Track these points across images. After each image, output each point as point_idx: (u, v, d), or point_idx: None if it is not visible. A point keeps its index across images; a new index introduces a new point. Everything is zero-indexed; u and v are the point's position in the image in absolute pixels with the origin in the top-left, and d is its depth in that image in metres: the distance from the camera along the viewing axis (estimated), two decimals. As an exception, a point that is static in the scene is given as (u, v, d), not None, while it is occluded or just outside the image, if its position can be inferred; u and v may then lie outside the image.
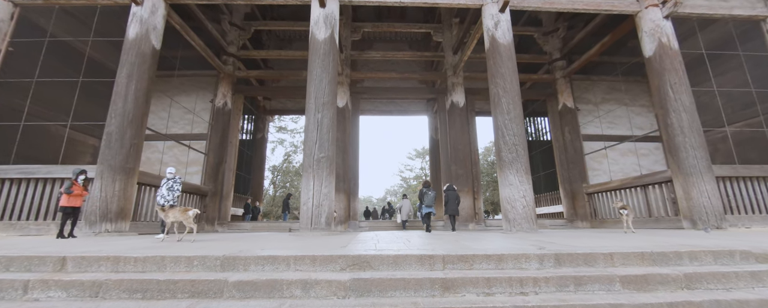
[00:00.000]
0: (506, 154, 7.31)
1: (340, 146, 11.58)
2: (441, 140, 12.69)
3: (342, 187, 11.23)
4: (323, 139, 7.14)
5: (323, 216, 6.73)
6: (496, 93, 7.77)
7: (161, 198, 6.49)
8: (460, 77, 12.51)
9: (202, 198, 10.98)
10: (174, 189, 6.63)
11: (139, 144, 7.55)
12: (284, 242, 4.70)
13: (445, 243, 4.50)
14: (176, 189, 6.66)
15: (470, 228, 11.04)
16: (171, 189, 6.60)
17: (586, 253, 3.35)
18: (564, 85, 12.78)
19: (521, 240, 4.94)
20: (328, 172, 6.99)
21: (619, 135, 12.75)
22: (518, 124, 7.50)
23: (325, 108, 7.34)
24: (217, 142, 11.70)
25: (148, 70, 7.92)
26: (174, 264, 3.18)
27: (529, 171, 7.31)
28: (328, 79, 7.54)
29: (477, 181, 11.97)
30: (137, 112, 7.56)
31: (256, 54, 13.13)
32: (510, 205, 7.05)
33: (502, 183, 7.32)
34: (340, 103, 12.00)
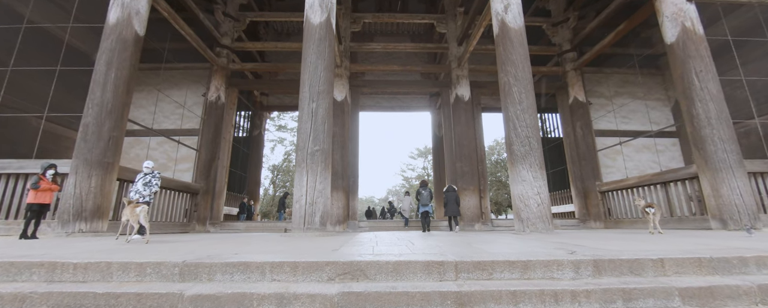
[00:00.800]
0: (518, 148, 6.67)
1: (339, 141, 10.98)
2: (445, 136, 12.07)
3: (340, 185, 10.62)
4: (318, 131, 6.53)
5: (318, 215, 6.11)
6: (506, 82, 7.13)
7: (135, 194, 5.89)
8: (464, 69, 11.88)
9: (192, 197, 10.40)
10: (151, 185, 6.02)
11: (118, 137, 6.97)
12: (269, 244, 4.09)
13: (454, 245, 3.87)
14: (154, 185, 6.05)
15: (476, 228, 10.41)
16: (148, 184, 5.99)
17: (631, 259, 2.72)
18: (575, 77, 12.12)
19: (541, 242, 4.31)
20: (323, 167, 6.38)
21: (634, 130, 12.07)
22: (531, 114, 6.86)
23: (321, 97, 6.73)
24: (210, 138, 11.12)
25: (130, 57, 7.35)
26: (122, 273, 2.57)
27: (544, 166, 6.67)
28: (323, 65, 6.94)
29: (483, 179, 11.33)
30: (117, 102, 6.98)
31: (251, 46, 12.55)
32: (523, 203, 6.41)
33: (513, 180, 6.68)
34: (339, 96, 11.40)
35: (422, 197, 8.77)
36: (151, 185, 6.02)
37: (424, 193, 8.83)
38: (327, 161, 6.49)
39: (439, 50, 12.85)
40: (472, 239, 5.09)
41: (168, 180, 9.23)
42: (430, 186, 12.01)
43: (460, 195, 10.70)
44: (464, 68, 11.88)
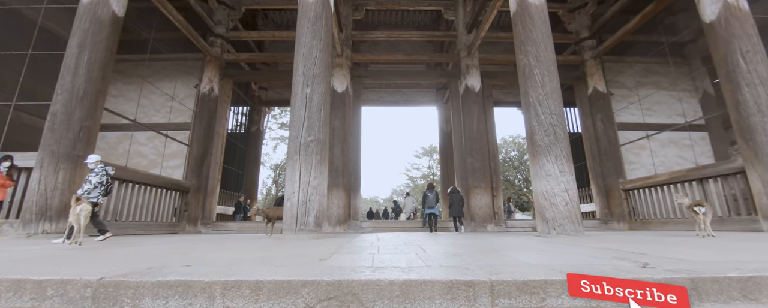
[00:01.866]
0: (541, 137, 5.83)
1: (339, 136, 10.20)
2: (454, 130, 11.23)
3: (341, 182, 9.84)
4: (313, 119, 5.75)
5: (312, 215, 5.33)
6: (526, 63, 6.29)
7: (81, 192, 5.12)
8: (474, 58, 11.03)
9: (182, 195, 9.69)
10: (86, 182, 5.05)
11: (91, 127, 6.25)
12: (244, 251, 3.31)
13: (476, 252, 3.05)
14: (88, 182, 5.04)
15: (489, 229, 9.56)
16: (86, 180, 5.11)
17: (744, 277, 1.89)
18: (594, 66, 11.22)
19: (581, 247, 3.48)
20: (318, 160, 5.59)
21: (659, 123, 11.13)
22: (555, 99, 6.01)
23: (316, 80, 5.94)
24: (202, 132, 10.40)
25: (106, 39, 6.63)
26: (12, 295, 1.80)
27: (571, 159, 5.81)
28: (319, 46, 6.15)
29: (496, 176, 10.47)
30: (90, 89, 6.26)
31: (247, 35, 11.83)
32: (547, 201, 5.56)
33: (536, 175, 5.83)
34: (340, 87, 10.62)
35: (428, 199, 8.78)
36: (86, 181, 5.11)
37: (430, 196, 8.84)
38: (323, 153, 5.71)
39: (447, 39, 12.01)
40: (493, 242, 4.27)
41: (154, 177, 8.52)
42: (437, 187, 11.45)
43: (471, 194, 9.89)
44: (474, 57, 11.03)
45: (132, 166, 10.31)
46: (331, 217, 9.55)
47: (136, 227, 7.73)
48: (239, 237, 6.51)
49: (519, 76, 6.51)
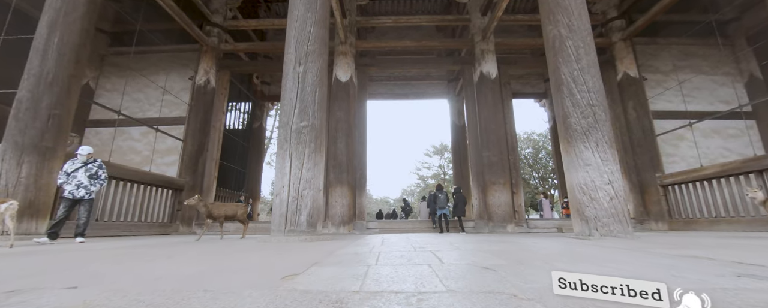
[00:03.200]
0: (577, 120, 4.87)
1: (343, 128, 9.39)
2: (469, 122, 10.29)
3: (345, 179, 9.02)
4: (306, 102, 4.94)
5: (304, 213, 4.51)
6: (556, 35, 5.34)
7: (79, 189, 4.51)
8: (490, 43, 10.07)
9: (176, 194, 9.04)
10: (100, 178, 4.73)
11: (62, 116, 5.59)
12: (192, 261, 2.50)
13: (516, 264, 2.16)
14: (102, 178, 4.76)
15: (509, 230, 8.59)
16: (95, 176, 4.65)
17: None
18: (624, 49, 10.12)
19: (658, 256, 2.55)
20: (312, 149, 4.78)
21: (699, 111, 9.93)
22: (594, 74, 5.05)
23: (310, 58, 5.14)
24: (198, 127, 9.75)
25: (81, 19, 5.98)
26: None
27: (614, 144, 4.84)
28: (314, 20, 5.35)
29: (516, 171, 9.48)
30: (60, 73, 5.61)
31: (246, 24, 11.16)
32: (587, 196, 4.60)
33: (571, 165, 4.88)
34: (344, 76, 9.81)
35: (439, 200, 8.78)
36: (99, 178, 4.67)
37: (440, 197, 8.83)
38: (318, 141, 4.89)
39: (460, 23, 11.08)
40: (527, 247, 3.36)
41: (142, 174, 7.87)
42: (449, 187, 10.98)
43: (488, 191, 8.97)
44: (490, 41, 10.07)
45: (125, 163, 9.76)
46: (335, 217, 8.75)
47: (123, 228, 7.08)
48: (226, 239, 5.74)
49: (547, 51, 5.57)
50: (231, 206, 5.87)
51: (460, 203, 8.80)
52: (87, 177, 4.77)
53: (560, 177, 13.64)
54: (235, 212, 5.81)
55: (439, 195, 8.84)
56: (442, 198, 8.77)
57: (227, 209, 5.77)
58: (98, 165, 4.85)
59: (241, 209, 5.87)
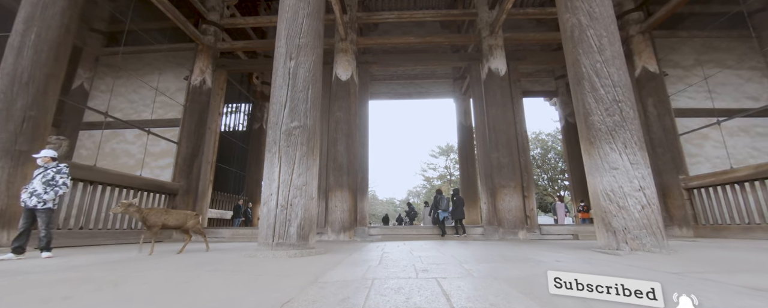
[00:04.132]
0: (601, 118, 4.33)
1: (344, 129, 8.93)
2: (477, 121, 9.74)
3: (345, 182, 8.55)
4: (297, 100, 4.47)
5: (294, 224, 4.03)
6: (575, 24, 4.79)
7: (31, 197, 4.05)
8: (498, 38, 9.52)
9: (170, 198, 8.65)
10: (57, 185, 4.15)
11: (39, 118, 5.20)
12: (141, 294, 2.03)
13: (548, 304, 1.65)
14: (61, 185, 4.18)
15: (520, 237, 8.02)
16: (51, 182, 4.14)
17: None
18: (643, 43, 9.49)
19: (723, 285, 2.01)
20: (304, 152, 4.30)
21: (724, 108, 9.25)
22: (619, 67, 4.50)
23: (302, 52, 4.67)
24: (193, 129, 9.37)
25: (61, 14, 5.60)
26: None
27: (644, 145, 4.28)
28: (307, 10, 4.88)
29: (527, 173, 8.91)
30: (37, 72, 5.23)
31: (243, 22, 10.75)
32: (614, 205, 4.05)
33: (594, 168, 4.33)
34: (344, 74, 9.35)
35: (442, 203, 8.71)
36: (55, 185, 4.15)
37: (443, 200, 8.74)
38: (311, 143, 4.41)
39: (466, 17, 10.55)
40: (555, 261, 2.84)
41: (130, 179, 7.48)
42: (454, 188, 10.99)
43: (497, 195, 8.43)
44: (498, 36, 9.52)
45: (119, 166, 9.43)
46: (334, 223, 8.27)
47: (109, 236, 6.69)
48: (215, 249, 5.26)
49: (565, 42, 5.02)
50: (178, 214, 4.67)
51: (459, 206, 8.63)
52: (42, 183, 4.23)
53: (573, 179, 13.00)
54: (182, 221, 4.60)
55: (443, 198, 8.71)
56: (443, 202, 8.71)
57: (170, 218, 4.51)
58: (57, 170, 4.23)
59: (191, 218, 4.73)
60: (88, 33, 10.62)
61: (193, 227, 4.74)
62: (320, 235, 8.41)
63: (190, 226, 4.71)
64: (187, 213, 4.80)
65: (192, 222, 4.72)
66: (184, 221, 4.65)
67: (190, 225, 4.71)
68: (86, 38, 10.59)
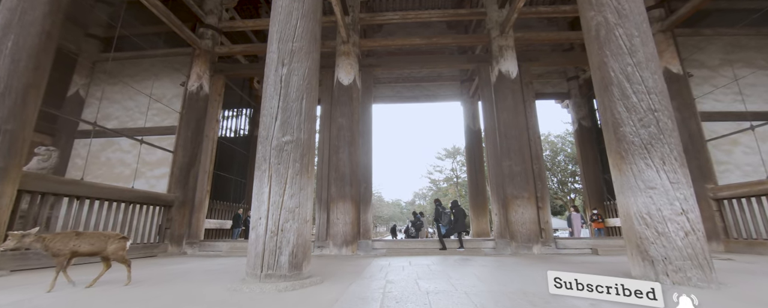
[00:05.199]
0: (634, 130, 3.80)
1: (346, 136, 8.48)
2: (487, 127, 9.21)
3: (348, 193, 8.09)
4: (290, 111, 4.02)
5: (286, 253, 3.58)
6: (600, 22, 4.27)
7: None
8: (509, 38, 8.99)
9: (165, 210, 8.29)
10: None
11: (17, 131, 4.84)
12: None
13: None
14: None
15: (535, 251, 7.47)
16: None
17: None
18: (664, 42, 8.87)
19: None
20: (297, 170, 3.85)
21: (756, 111, 8.59)
22: (653, 71, 3.96)
23: (296, 58, 4.22)
24: (189, 136, 9.01)
25: (42, 20, 5.24)
26: None
27: (685, 162, 3.74)
28: (302, 11, 4.43)
29: (541, 182, 8.35)
30: (15, 83, 4.87)
31: (242, 24, 10.40)
32: (651, 230, 3.52)
33: (625, 187, 3.80)
34: (346, 79, 8.91)
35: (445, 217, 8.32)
36: None
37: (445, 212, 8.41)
38: (305, 160, 3.96)
39: (474, 17, 10.04)
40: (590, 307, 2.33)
41: (121, 191, 7.12)
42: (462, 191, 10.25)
43: (509, 206, 7.90)
44: (509, 37, 8.99)
45: (115, 176, 9.12)
46: (337, 237, 7.82)
47: (98, 253, 6.30)
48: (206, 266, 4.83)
49: (589, 43, 4.49)
50: (93, 238, 3.55)
51: (461, 218, 8.21)
52: None
53: (587, 185, 12.37)
54: (99, 247, 3.53)
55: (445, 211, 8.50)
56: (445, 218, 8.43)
57: (82, 242, 3.46)
58: None
59: (113, 242, 3.60)
60: (83, 38, 10.36)
61: (115, 253, 3.59)
62: (321, 249, 7.97)
63: (111, 252, 3.57)
64: (108, 235, 3.66)
65: (114, 246, 3.59)
66: (103, 246, 3.54)
67: (111, 250, 3.57)
68: (82, 44, 10.33)
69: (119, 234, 3.72)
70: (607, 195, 11.71)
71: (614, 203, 11.10)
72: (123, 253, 3.66)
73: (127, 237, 3.72)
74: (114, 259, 3.65)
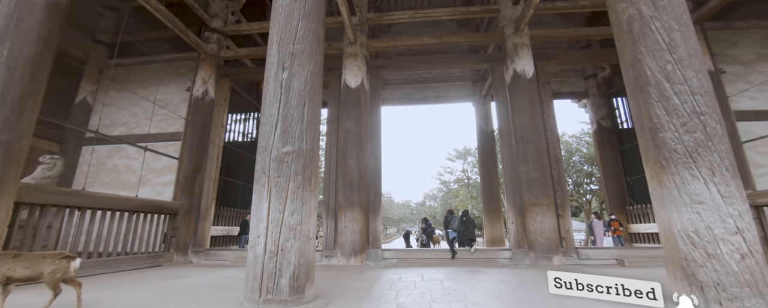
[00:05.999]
0: (675, 135, 3.36)
1: (354, 141, 8.16)
2: (501, 129, 8.76)
3: (356, 200, 7.77)
4: (291, 119, 3.71)
5: (286, 275, 3.27)
6: (633, 15, 3.83)
7: None
8: (525, 36, 8.53)
9: (171, 218, 8.12)
10: None
11: (13, 142, 4.67)
12: None
13: None
14: None
15: (555, 263, 7.00)
16: None
17: None
18: (693, 36, 8.25)
19: None
20: (299, 183, 3.53)
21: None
22: (698, 69, 3.51)
23: (297, 61, 3.91)
24: (195, 143, 8.84)
25: (39, 28, 5.09)
26: None
27: (738, 173, 3.28)
28: (303, 11, 4.13)
29: (561, 188, 7.87)
30: (11, 92, 4.71)
31: (248, 27, 10.21)
32: (699, 251, 3.08)
33: (666, 199, 3.37)
34: (353, 81, 8.60)
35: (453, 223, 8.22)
36: None
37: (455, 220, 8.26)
38: (307, 172, 3.64)
39: (486, 14, 9.61)
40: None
41: (124, 201, 6.96)
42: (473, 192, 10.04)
43: (527, 213, 7.46)
44: (524, 34, 8.53)
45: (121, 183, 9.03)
46: (345, 246, 7.51)
47: (101, 265, 6.13)
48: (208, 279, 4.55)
49: (619, 38, 4.05)
50: (31, 260, 3.00)
51: (470, 226, 8.22)
52: None
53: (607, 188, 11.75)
54: (34, 272, 2.98)
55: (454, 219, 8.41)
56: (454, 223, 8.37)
57: (17, 266, 2.93)
58: None
59: (49, 264, 3.01)
60: (91, 45, 10.33)
61: (51, 276, 2.98)
62: (329, 259, 7.67)
63: (47, 275, 2.98)
64: (45, 255, 3.07)
65: (51, 269, 2.99)
66: (37, 270, 2.98)
67: (47, 273, 2.98)
68: (90, 51, 10.31)
69: (60, 254, 3.11)
70: (630, 199, 11.08)
71: (637, 207, 10.49)
72: (60, 276, 3.01)
73: (72, 256, 3.12)
74: (48, 284, 3.00)
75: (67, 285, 3.14)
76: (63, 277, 3.05)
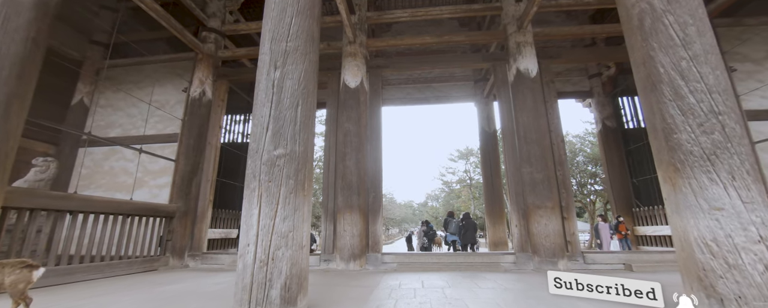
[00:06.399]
0: (691, 136, 3.15)
1: (353, 143, 7.98)
2: (504, 130, 8.55)
3: (355, 202, 7.59)
4: (283, 120, 3.53)
5: (277, 286, 3.08)
6: (644, 9, 3.63)
7: None
8: (528, 34, 8.32)
9: (167, 222, 7.97)
10: None
11: (1, 145, 4.52)
12: None
13: None
14: None
15: (561, 267, 6.78)
16: None
17: None
18: (702, 33, 8.01)
19: None
20: (292, 187, 3.35)
21: (809, 108, 7.67)
22: (715, 66, 3.30)
23: (290, 60, 3.74)
24: (191, 144, 8.69)
25: (27, 27, 4.93)
26: None
27: (760, 177, 3.07)
28: (296, 7, 3.95)
29: (566, 190, 7.65)
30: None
31: (246, 27, 10.05)
32: (719, 261, 2.87)
33: (681, 205, 3.16)
34: (353, 81, 8.42)
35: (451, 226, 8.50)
36: None
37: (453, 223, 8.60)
38: (300, 176, 3.46)
39: (488, 12, 9.40)
40: None
41: (117, 204, 6.81)
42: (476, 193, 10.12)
43: (531, 217, 7.24)
44: (527, 32, 8.32)
45: (118, 185, 8.89)
46: (344, 250, 7.32)
47: (92, 270, 5.99)
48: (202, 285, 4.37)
49: (629, 35, 3.85)
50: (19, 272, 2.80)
51: (471, 230, 8.42)
52: None
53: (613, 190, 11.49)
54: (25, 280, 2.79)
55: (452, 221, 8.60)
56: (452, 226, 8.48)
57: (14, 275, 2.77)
58: None
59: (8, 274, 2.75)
60: (87, 46, 10.21)
61: (13, 286, 2.73)
62: (328, 263, 7.49)
63: (8, 286, 2.73)
64: (3, 264, 2.79)
65: (12, 278, 2.74)
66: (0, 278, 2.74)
67: (8, 283, 2.73)
68: (86, 51, 10.19)
69: (22, 262, 2.84)
70: (636, 201, 10.83)
71: (644, 209, 10.24)
72: (23, 287, 2.75)
73: (35, 265, 2.85)
74: (10, 295, 2.75)
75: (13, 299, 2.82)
76: (26, 288, 2.80)
